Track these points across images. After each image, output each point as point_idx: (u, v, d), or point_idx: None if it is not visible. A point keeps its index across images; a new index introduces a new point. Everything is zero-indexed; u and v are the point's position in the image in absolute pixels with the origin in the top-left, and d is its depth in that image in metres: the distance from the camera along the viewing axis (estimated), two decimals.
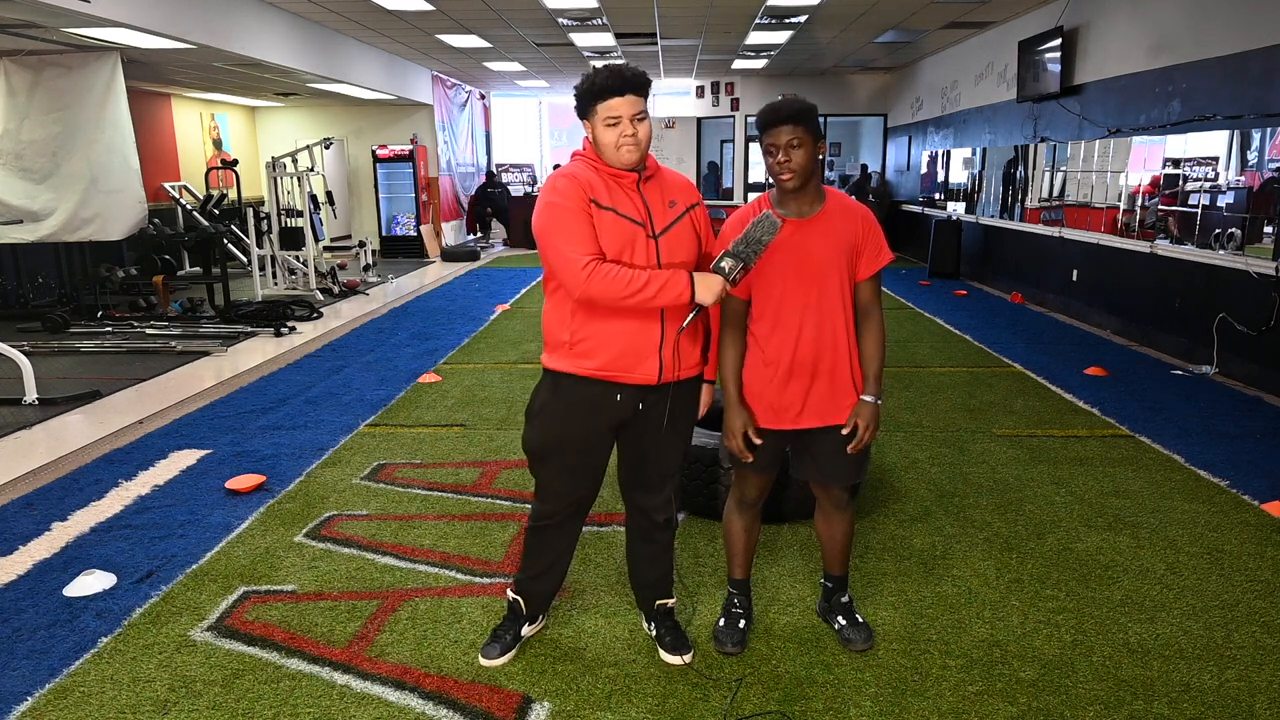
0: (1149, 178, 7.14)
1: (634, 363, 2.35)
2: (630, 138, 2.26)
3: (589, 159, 2.35)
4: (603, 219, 2.28)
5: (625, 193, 2.32)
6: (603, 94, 2.24)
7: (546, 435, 2.47)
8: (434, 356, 6.97)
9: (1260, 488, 4.00)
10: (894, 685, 2.53)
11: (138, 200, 8.31)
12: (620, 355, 2.34)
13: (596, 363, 2.35)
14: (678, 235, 2.37)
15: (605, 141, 2.28)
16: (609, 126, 2.26)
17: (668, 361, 2.37)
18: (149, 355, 6.98)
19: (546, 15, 9.40)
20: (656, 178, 2.39)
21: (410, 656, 2.69)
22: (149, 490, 4.10)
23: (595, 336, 2.34)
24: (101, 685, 2.56)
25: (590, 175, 2.32)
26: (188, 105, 13.12)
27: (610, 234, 2.28)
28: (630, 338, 2.33)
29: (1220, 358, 6.15)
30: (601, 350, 2.34)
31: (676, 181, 2.46)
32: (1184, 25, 6.63)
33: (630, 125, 2.25)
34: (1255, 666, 2.61)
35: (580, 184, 2.29)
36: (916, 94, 13.71)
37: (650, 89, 2.31)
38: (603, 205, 2.29)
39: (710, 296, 2.27)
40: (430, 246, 14.72)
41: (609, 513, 3.72)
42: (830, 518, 2.70)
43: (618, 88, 2.24)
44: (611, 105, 2.24)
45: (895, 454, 4.52)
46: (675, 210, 2.38)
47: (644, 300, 2.24)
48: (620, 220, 2.29)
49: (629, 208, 2.31)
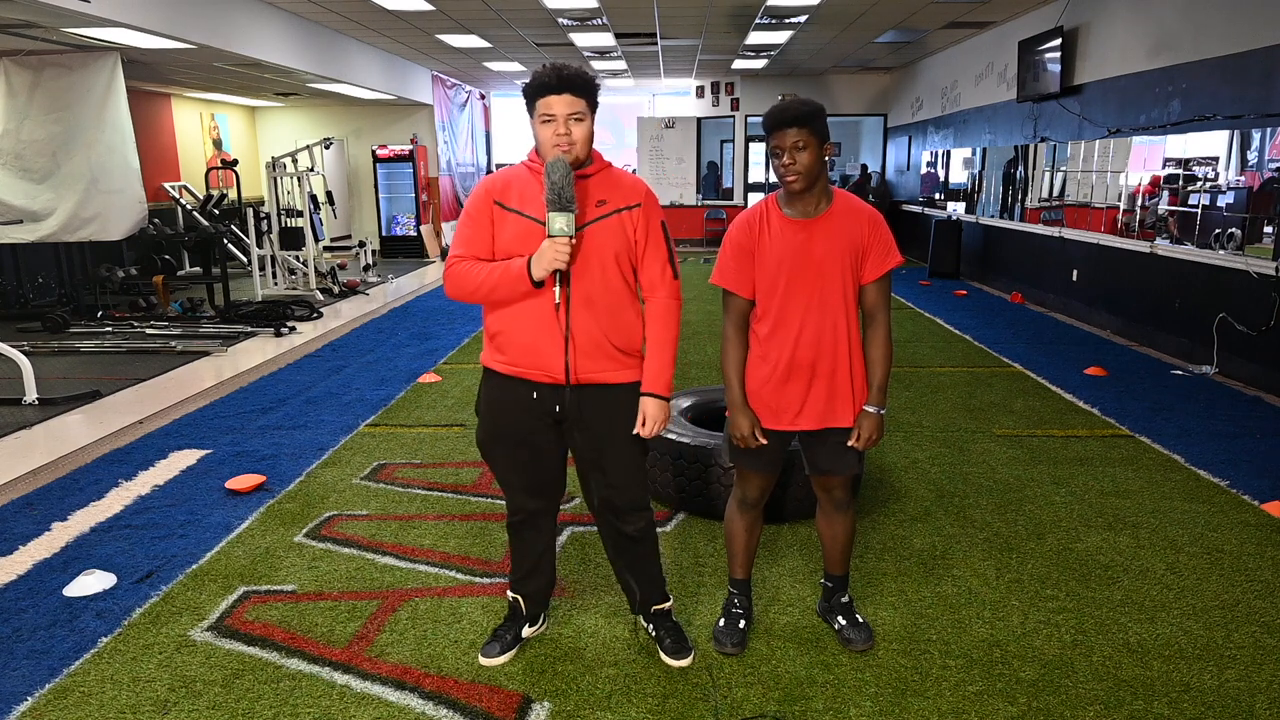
0: (1149, 178, 7.14)
1: (538, 358, 2.35)
2: (563, 137, 2.24)
3: (528, 159, 2.39)
4: (505, 219, 2.33)
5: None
6: (541, 90, 2.24)
7: (485, 429, 2.52)
8: (434, 356, 6.97)
9: (1260, 488, 4.00)
10: (894, 685, 2.53)
11: (138, 200, 8.31)
12: (525, 350, 2.36)
13: (507, 358, 2.40)
14: (597, 233, 2.32)
15: (542, 139, 2.28)
16: (544, 124, 2.26)
17: (575, 358, 2.33)
18: (149, 355, 6.98)
19: (546, 15, 9.40)
20: (598, 177, 2.36)
21: (410, 656, 2.69)
22: (149, 490, 4.10)
23: (506, 332, 2.38)
24: (101, 685, 2.56)
25: (514, 177, 2.37)
26: (188, 105, 13.12)
27: (510, 232, 2.33)
28: (531, 334, 2.34)
29: (1220, 358, 6.15)
30: (510, 345, 2.39)
31: (621, 182, 2.40)
32: (1184, 25, 6.63)
33: (564, 125, 2.24)
34: (1255, 666, 2.61)
35: (488, 189, 2.36)
36: (916, 94, 13.71)
37: (594, 91, 2.27)
38: (507, 206, 2.33)
39: (550, 263, 2.22)
40: (430, 246, 14.72)
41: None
42: (831, 517, 2.70)
43: (555, 85, 2.23)
44: (548, 102, 2.24)
45: (895, 454, 4.52)
46: (602, 209, 2.33)
47: (489, 291, 2.31)
48: (521, 220, 2.32)
49: (536, 207, 2.29)
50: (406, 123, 15.04)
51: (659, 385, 2.41)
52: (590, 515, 2.76)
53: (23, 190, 7.99)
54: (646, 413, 2.40)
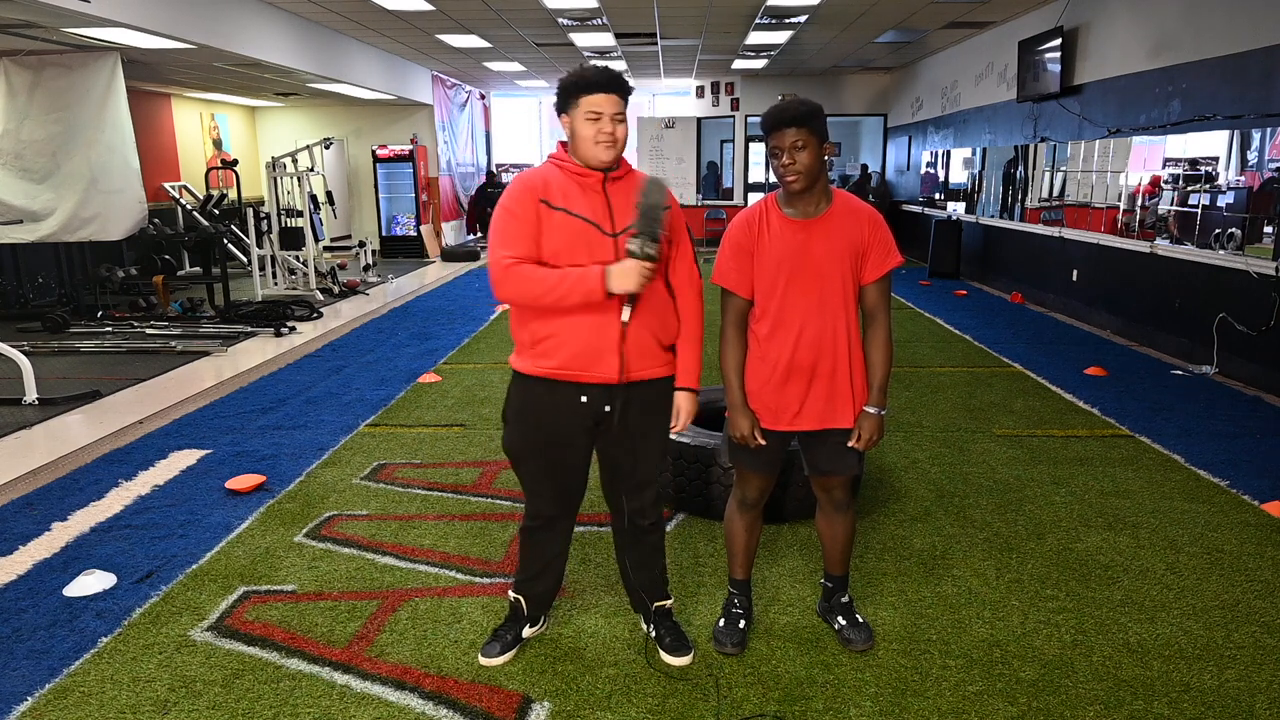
0: (1149, 177, 7.14)
1: (592, 361, 2.35)
2: (608, 134, 2.27)
3: (557, 159, 2.38)
4: (552, 219, 2.30)
5: (586, 192, 2.33)
6: (589, 88, 2.26)
7: (519, 437, 2.49)
8: (434, 356, 6.97)
9: (1260, 488, 4.00)
10: (894, 685, 2.53)
11: (138, 200, 8.31)
12: (578, 354, 2.34)
13: (556, 362, 2.36)
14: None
15: (584, 135, 2.29)
16: (589, 121, 2.27)
17: (629, 358, 2.36)
18: (149, 355, 6.97)
19: (546, 15, 9.40)
20: (626, 180, 2.39)
21: (410, 656, 2.69)
22: (149, 490, 4.10)
23: (555, 336, 2.35)
24: (101, 685, 2.56)
25: (550, 176, 2.34)
26: (188, 105, 13.12)
27: (559, 233, 2.29)
28: (587, 336, 2.33)
29: (1220, 358, 6.15)
30: (560, 349, 2.35)
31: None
32: (1184, 25, 6.63)
33: (609, 123, 2.27)
34: (1255, 666, 2.61)
35: (531, 186, 2.32)
36: (916, 94, 13.71)
37: (630, 95, 2.33)
38: (554, 205, 2.30)
39: (629, 282, 2.24)
40: (430, 246, 14.72)
41: (608, 513, 3.71)
42: (831, 518, 2.70)
43: (604, 84, 2.26)
44: (595, 100, 2.26)
45: (895, 454, 4.52)
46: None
47: (557, 299, 2.26)
48: (570, 219, 2.30)
49: (584, 207, 2.31)
50: (406, 123, 15.03)
51: (691, 379, 2.51)
52: (591, 515, 2.77)
53: (23, 190, 7.99)
54: (681, 407, 2.50)
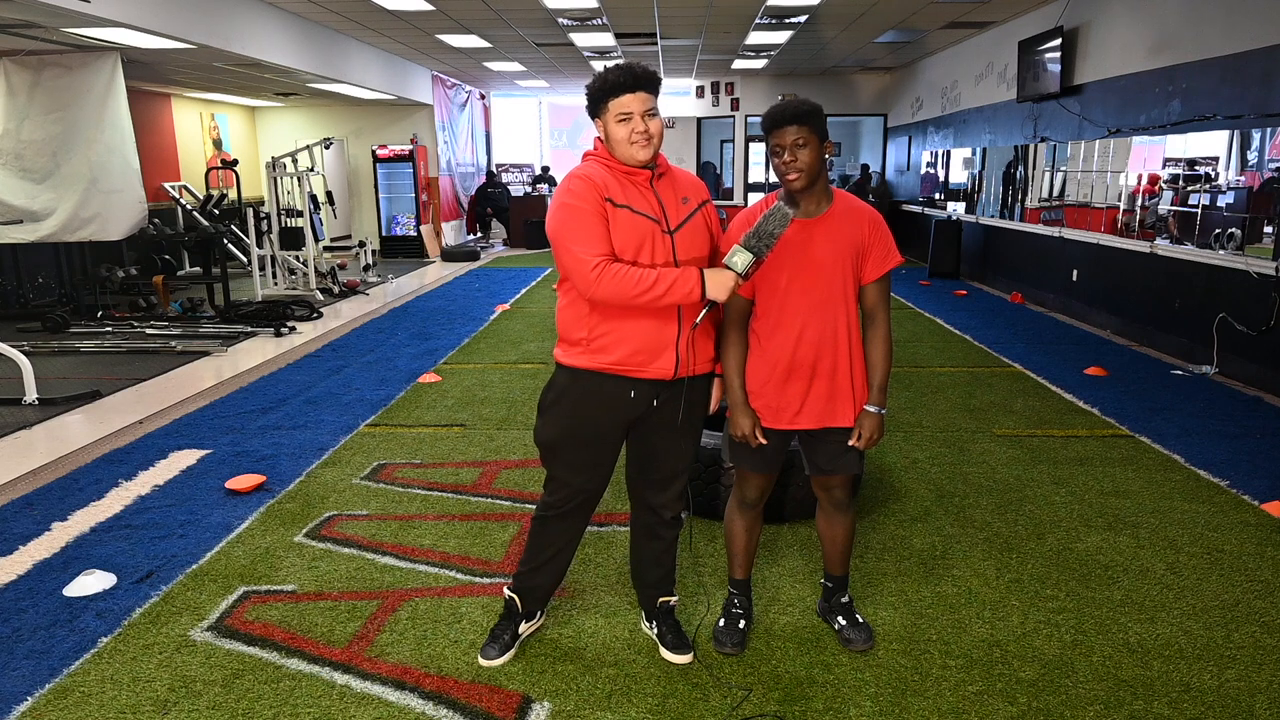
0: (1148, 177, 7.14)
1: (650, 358, 2.37)
2: (642, 134, 2.29)
3: (601, 158, 2.37)
4: (618, 216, 2.30)
5: (639, 190, 2.34)
6: (615, 90, 2.28)
7: (558, 429, 2.49)
8: (434, 356, 6.97)
9: (1260, 488, 4.00)
10: (894, 685, 2.53)
11: (138, 200, 8.30)
12: (638, 351, 2.36)
13: (614, 358, 2.37)
14: (692, 231, 2.39)
15: (618, 138, 2.30)
16: (620, 122, 2.29)
17: (684, 356, 2.39)
18: (149, 355, 6.98)
19: (546, 15, 9.40)
20: (668, 175, 2.43)
21: (410, 656, 2.69)
22: (149, 490, 4.10)
23: (614, 333, 2.36)
24: (101, 685, 2.56)
25: (604, 174, 2.34)
26: (188, 105, 13.12)
27: (626, 231, 2.30)
28: (648, 334, 2.35)
29: (1220, 358, 6.15)
30: (619, 346, 2.36)
31: (688, 179, 2.50)
32: (1184, 25, 6.63)
33: (641, 121, 2.28)
34: (1255, 666, 2.61)
35: (594, 184, 2.31)
36: (916, 94, 13.71)
37: (659, 88, 2.34)
38: (617, 203, 2.31)
39: (722, 292, 2.28)
40: (430, 246, 14.72)
41: (609, 513, 3.72)
42: (831, 518, 2.70)
43: (629, 84, 2.27)
44: (623, 102, 2.28)
45: (895, 454, 4.52)
46: (688, 206, 2.41)
47: (654, 299, 2.26)
48: (636, 217, 2.31)
49: (643, 204, 2.33)
50: (406, 123, 15.03)
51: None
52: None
53: (23, 190, 7.99)
54: (715, 396, 2.60)
